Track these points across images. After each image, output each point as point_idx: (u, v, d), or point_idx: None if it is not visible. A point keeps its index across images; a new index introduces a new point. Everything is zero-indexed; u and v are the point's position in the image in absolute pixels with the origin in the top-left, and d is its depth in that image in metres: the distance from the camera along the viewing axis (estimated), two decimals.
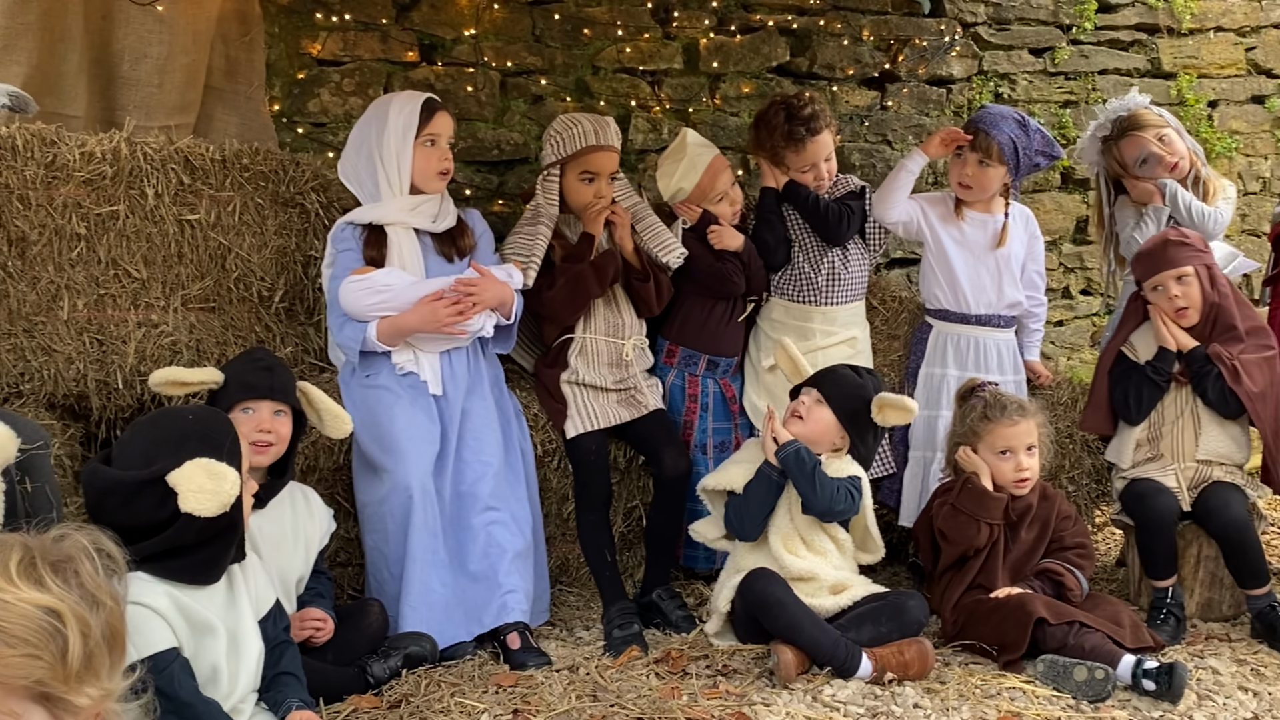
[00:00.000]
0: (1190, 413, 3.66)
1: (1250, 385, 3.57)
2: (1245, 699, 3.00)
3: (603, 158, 3.71)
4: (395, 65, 4.41)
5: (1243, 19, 5.56)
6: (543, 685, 3.01)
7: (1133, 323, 3.79)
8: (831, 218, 3.91)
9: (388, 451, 3.29)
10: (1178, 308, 3.62)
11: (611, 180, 3.74)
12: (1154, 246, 3.69)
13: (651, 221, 3.80)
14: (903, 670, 3.02)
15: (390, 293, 3.38)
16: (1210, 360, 3.59)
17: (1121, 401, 3.70)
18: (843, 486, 3.26)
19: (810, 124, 3.88)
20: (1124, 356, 3.75)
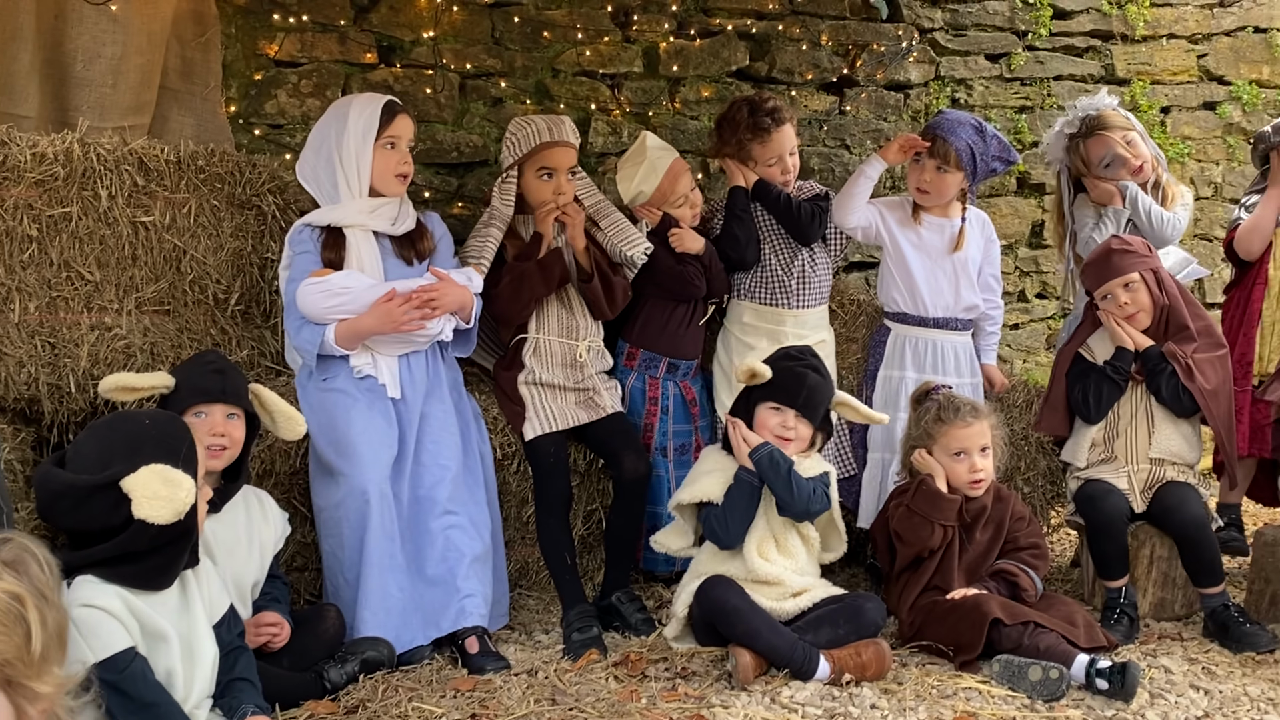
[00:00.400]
0: (1144, 411, 3.71)
1: (1203, 383, 3.63)
2: (1197, 697, 3.04)
3: (558, 153, 3.71)
4: (353, 67, 4.39)
5: (1195, 26, 5.64)
6: (501, 689, 3.00)
7: (1090, 327, 3.84)
8: (804, 216, 3.93)
9: (344, 455, 3.26)
10: (1127, 314, 3.68)
11: (571, 176, 3.74)
12: (1099, 256, 3.74)
13: (615, 218, 3.80)
14: (860, 671, 3.04)
15: (348, 295, 3.36)
16: (1165, 358, 3.64)
17: (1080, 400, 3.74)
18: (817, 486, 3.29)
19: (774, 115, 3.92)
20: (1081, 358, 3.80)
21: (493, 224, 3.72)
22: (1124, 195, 4.02)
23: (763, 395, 3.36)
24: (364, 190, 3.48)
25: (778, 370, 3.35)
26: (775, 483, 3.25)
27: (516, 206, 3.77)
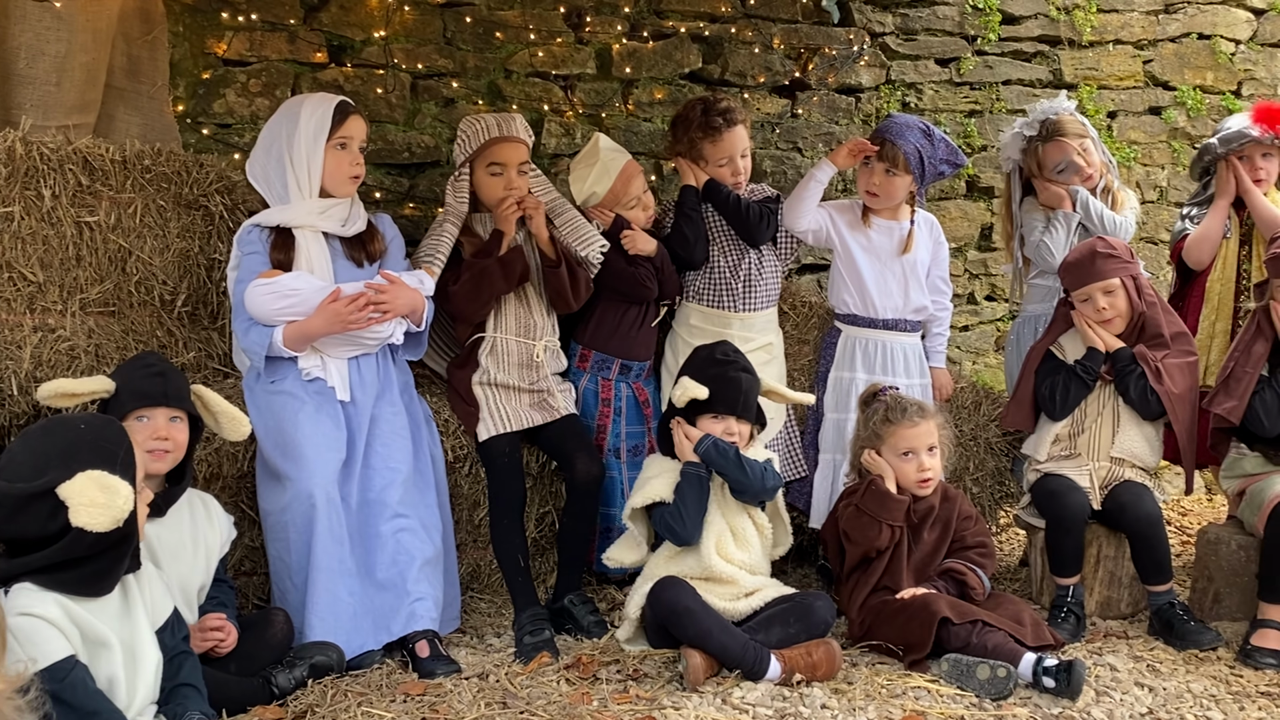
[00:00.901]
0: (1110, 411, 3.76)
1: (1171, 387, 3.69)
2: (1141, 694, 3.08)
3: (508, 148, 3.70)
4: (303, 66, 4.35)
5: (1141, 32, 5.72)
6: (451, 693, 2.99)
7: (1062, 325, 3.89)
8: (752, 217, 3.94)
9: (290, 459, 3.24)
10: (1104, 319, 3.73)
11: (522, 172, 3.73)
12: (1082, 258, 3.77)
13: (571, 216, 3.80)
14: (811, 671, 3.05)
15: (297, 297, 3.33)
16: (1135, 360, 3.69)
17: (1047, 396, 3.79)
18: (766, 465, 3.35)
19: (727, 115, 3.93)
20: (1052, 355, 3.85)
21: (447, 221, 3.72)
22: (1074, 200, 4.08)
23: (702, 407, 3.38)
24: (314, 191, 3.46)
25: (711, 382, 3.37)
26: (727, 468, 3.28)
27: (471, 205, 3.76)
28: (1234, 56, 5.90)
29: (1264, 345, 3.59)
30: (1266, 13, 5.99)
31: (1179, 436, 3.77)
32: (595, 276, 3.82)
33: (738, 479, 3.30)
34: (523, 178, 3.73)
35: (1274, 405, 3.52)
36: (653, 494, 3.33)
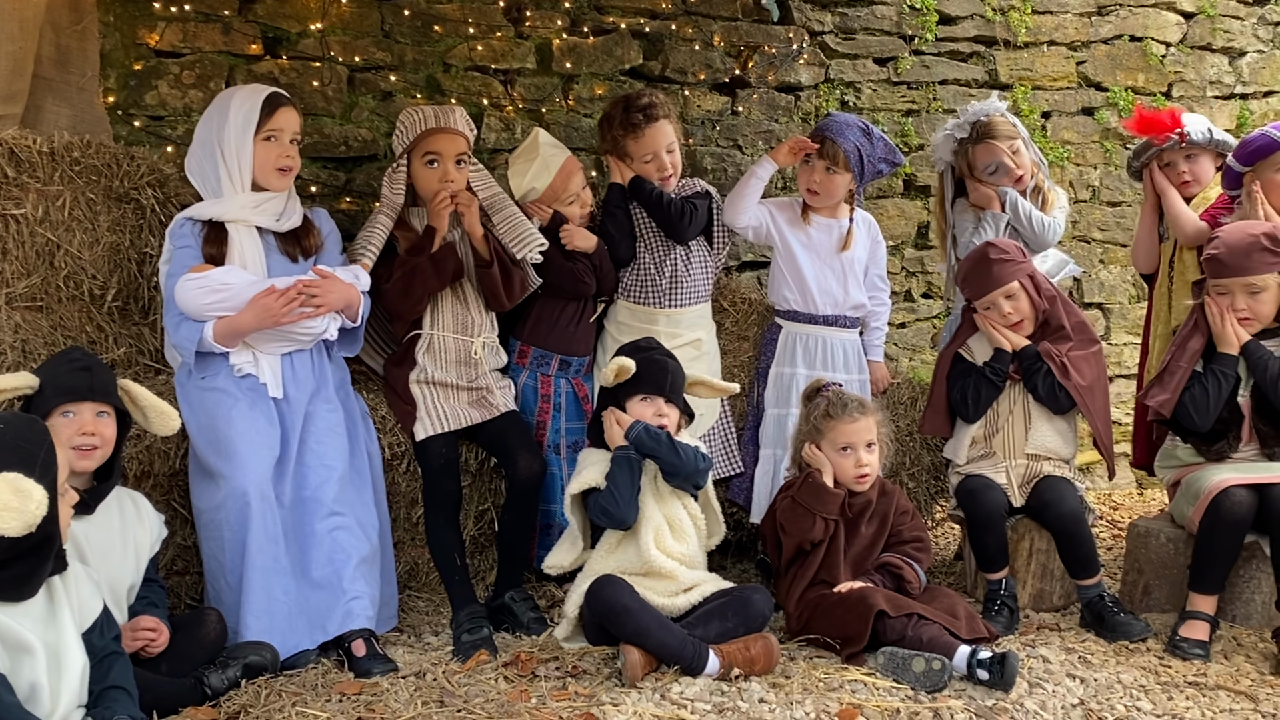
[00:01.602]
0: (1022, 409, 3.82)
1: (1079, 379, 3.75)
2: (1073, 685, 3.12)
3: (445, 139, 3.68)
4: (238, 58, 4.28)
5: (1074, 34, 5.80)
6: (388, 692, 2.96)
7: (970, 329, 3.94)
8: (674, 212, 3.94)
9: (224, 456, 3.19)
10: (1012, 323, 3.79)
11: (460, 165, 3.71)
12: (976, 265, 3.82)
13: (509, 214, 3.77)
14: (749, 666, 3.07)
15: (228, 292, 3.29)
16: (1040, 358, 3.75)
17: (959, 400, 3.84)
18: (696, 449, 3.39)
19: (647, 111, 3.93)
20: (961, 358, 3.89)
21: (382, 213, 3.68)
22: (1004, 201, 4.12)
23: (630, 390, 3.42)
24: (246, 184, 3.41)
25: (640, 363, 3.42)
26: (659, 450, 3.31)
27: (409, 198, 3.73)
28: (1164, 58, 6.01)
29: (1199, 341, 3.66)
30: (1196, 16, 6.10)
31: (1092, 427, 3.84)
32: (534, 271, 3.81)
33: (670, 461, 3.32)
34: (461, 171, 3.71)
35: (1203, 401, 3.59)
36: (588, 480, 3.34)
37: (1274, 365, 3.52)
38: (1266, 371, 3.52)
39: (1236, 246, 3.58)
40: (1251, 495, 3.43)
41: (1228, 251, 3.58)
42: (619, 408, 3.42)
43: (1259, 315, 3.60)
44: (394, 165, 3.74)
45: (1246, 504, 3.41)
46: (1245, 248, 3.56)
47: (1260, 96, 6.30)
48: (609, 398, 3.46)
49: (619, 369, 3.39)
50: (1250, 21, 6.25)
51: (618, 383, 3.43)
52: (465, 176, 3.73)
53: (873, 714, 2.86)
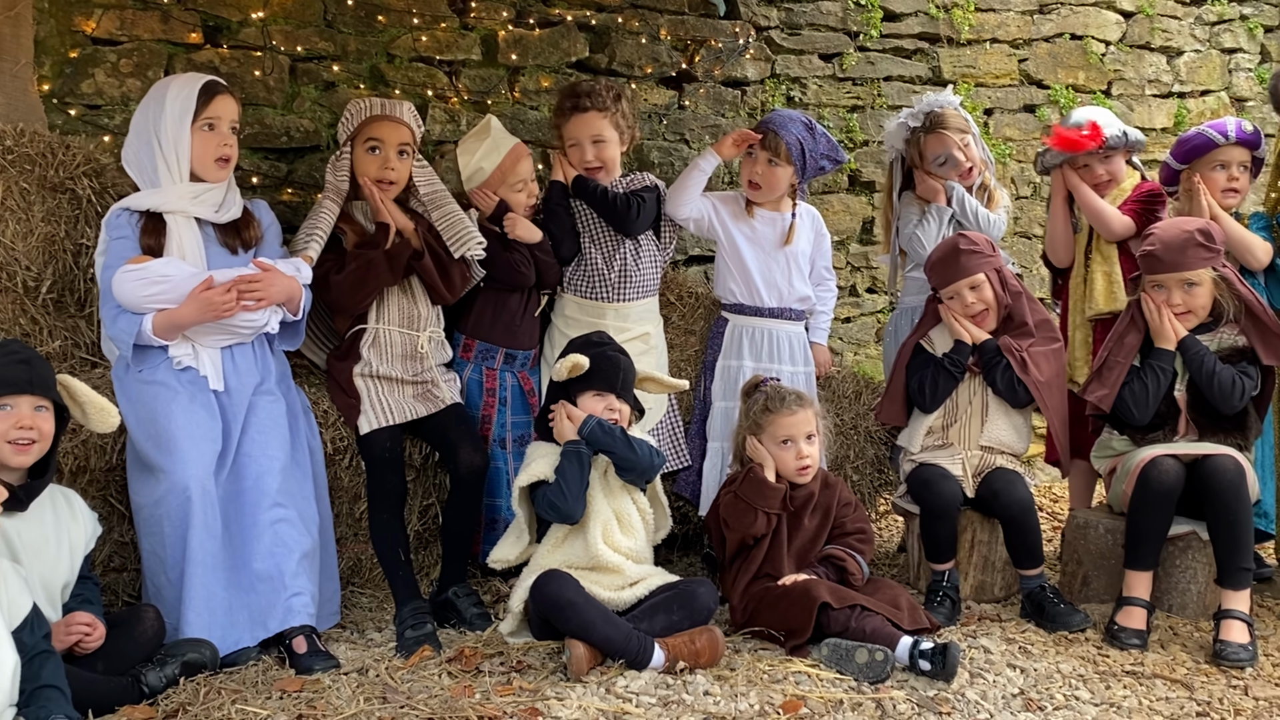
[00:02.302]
0: (980, 401, 3.86)
1: (1038, 375, 3.80)
2: (1013, 675, 3.16)
3: (388, 127, 3.67)
4: (177, 47, 4.21)
5: (1016, 32, 5.87)
6: (330, 689, 2.93)
7: (932, 320, 3.98)
8: (620, 206, 3.94)
9: (164, 450, 3.14)
10: (974, 314, 3.83)
11: (403, 155, 3.69)
12: (945, 255, 3.86)
13: (450, 210, 3.74)
14: (694, 659, 3.07)
15: (168, 284, 3.24)
16: (1000, 352, 3.79)
17: (917, 389, 3.89)
18: (650, 444, 3.40)
19: (581, 99, 3.96)
20: (922, 349, 3.94)
21: (327, 200, 3.66)
22: (949, 195, 4.17)
23: (583, 385, 3.41)
24: (184, 174, 3.36)
25: (593, 359, 3.41)
26: (614, 446, 3.30)
27: (354, 190, 3.69)
28: (1104, 57, 6.10)
29: (1136, 336, 3.72)
30: (1135, 15, 6.20)
31: (1049, 421, 3.89)
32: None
33: (625, 456, 3.31)
34: (403, 161, 3.69)
35: (1142, 395, 3.64)
36: (537, 473, 3.33)
37: (1209, 361, 3.58)
38: (1202, 367, 3.58)
39: (1172, 243, 3.63)
40: (1180, 467, 3.49)
41: (1164, 248, 3.64)
42: (569, 402, 3.40)
43: (1194, 309, 3.66)
44: (338, 153, 3.71)
45: (1174, 473, 3.47)
46: (1181, 244, 3.62)
47: (1197, 95, 6.42)
48: (559, 391, 3.44)
49: (573, 365, 3.37)
50: (1188, 21, 6.36)
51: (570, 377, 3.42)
52: (408, 168, 3.70)
53: (816, 705, 2.88)
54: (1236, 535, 3.41)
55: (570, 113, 3.98)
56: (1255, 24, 6.57)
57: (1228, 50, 6.52)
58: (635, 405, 3.53)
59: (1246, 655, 3.27)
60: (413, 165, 3.75)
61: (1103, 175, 4.16)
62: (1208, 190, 4.00)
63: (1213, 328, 3.68)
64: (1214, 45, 6.47)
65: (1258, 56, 6.63)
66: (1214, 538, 3.48)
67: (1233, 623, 3.35)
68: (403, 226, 3.67)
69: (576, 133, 3.98)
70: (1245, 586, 3.40)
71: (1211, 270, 3.63)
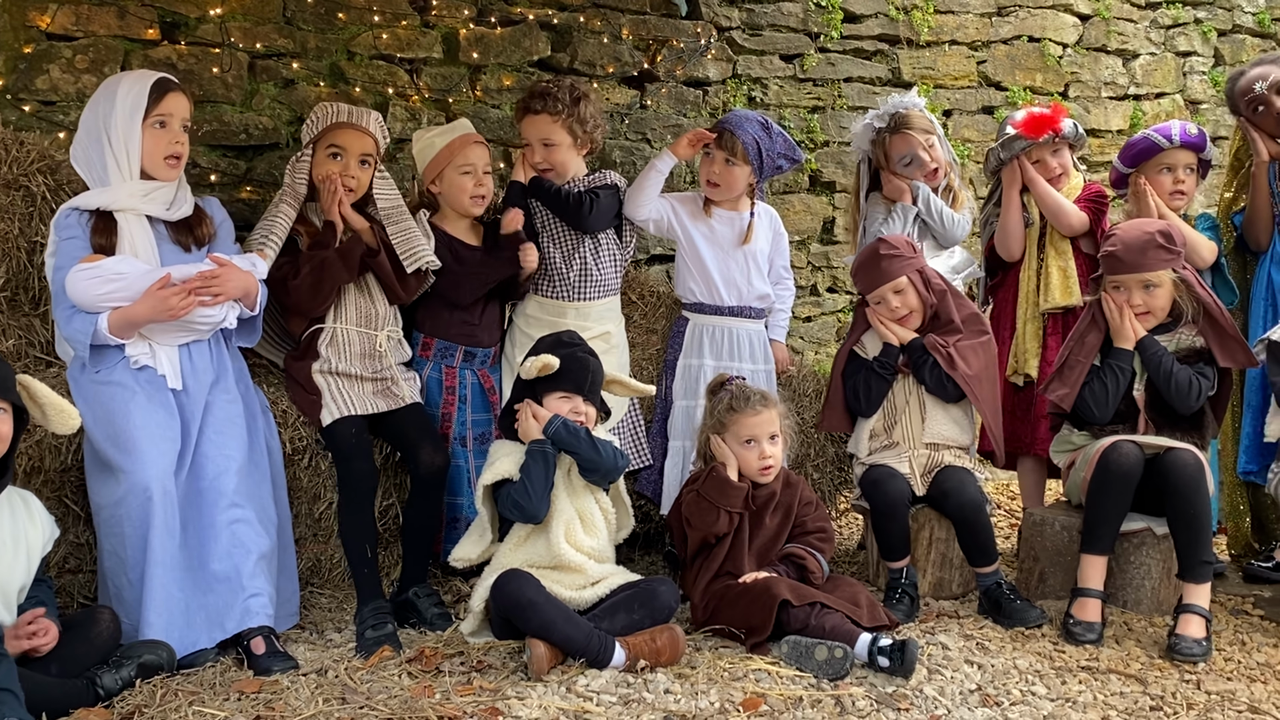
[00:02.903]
0: (917, 399, 3.90)
1: (966, 369, 3.83)
2: (971, 671, 3.19)
3: (352, 135, 3.66)
4: (134, 43, 4.17)
5: (975, 34, 5.93)
6: (288, 690, 2.91)
7: (863, 325, 4.01)
8: (572, 203, 3.95)
9: (124, 450, 3.11)
10: (900, 316, 3.87)
11: (365, 164, 3.68)
12: (867, 260, 3.91)
13: (406, 225, 3.75)
14: (655, 657, 3.07)
15: (122, 282, 3.20)
16: (926, 350, 3.83)
17: (853, 396, 3.93)
18: (614, 446, 3.40)
19: (533, 101, 3.98)
20: (856, 355, 3.97)
21: (284, 202, 3.63)
22: (915, 195, 4.20)
23: (550, 385, 3.40)
24: (134, 172, 3.32)
25: (563, 359, 3.40)
26: (579, 447, 3.29)
27: (311, 192, 3.67)
28: (1061, 59, 6.16)
29: (1097, 336, 3.76)
30: (1092, 18, 6.27)
31: (982, 414, 3.92)
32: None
33: (590, 458, 3.31)
34: (364, 170, 3.67)
35: (1102, 395, 3.69)
36: (500, 471, 3.31)
37: (1167, 361, 3.63)
38: (1160, 367, 3.63)
39: (1133, 244, 3.68)
40: (1139, 452, 3.54)
41: (1124, 249, 3.68)
42: (535, 401, 3.40)
43: (1154, 310, 3.71)
44: (299, 154, 3.69)
45: (1134, 456, 3.52)
46: (1141, 245, 3.67)
47: (1152, 98, 6.51)
48: (525, 390, 3.44)
49: (543, 365, 3.36)
50: (1143, 25, 6.45)
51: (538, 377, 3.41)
52: (368, 177, 3.69)
53: (776, 702, 2.89)
54: (1197, 529, 3.45)
55: (523, 114, 4.01)
56: (1209, 28, 6.67)
57: (1182, 53, 6.61)
58: (601, 407, 3.53)
59: (1199, 650, 3.31)
60: (375, 176, 3.74)
61: (1055, 168, 4.23)
62: (1155, 192, 4.08)
63: (1172, 328, 3.72)
64: (1169, 48, 6.56)
65: (1211, 60, 6.73)
66: (1174, 532, 3.51)
67: (1191, 617, 3.38)
68: (357, 225, 3.65)
69: (527, 134, 4.01)
70: (1206, 580, 3.45)
71: (1172, 272, 3.68)
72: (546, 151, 3.99)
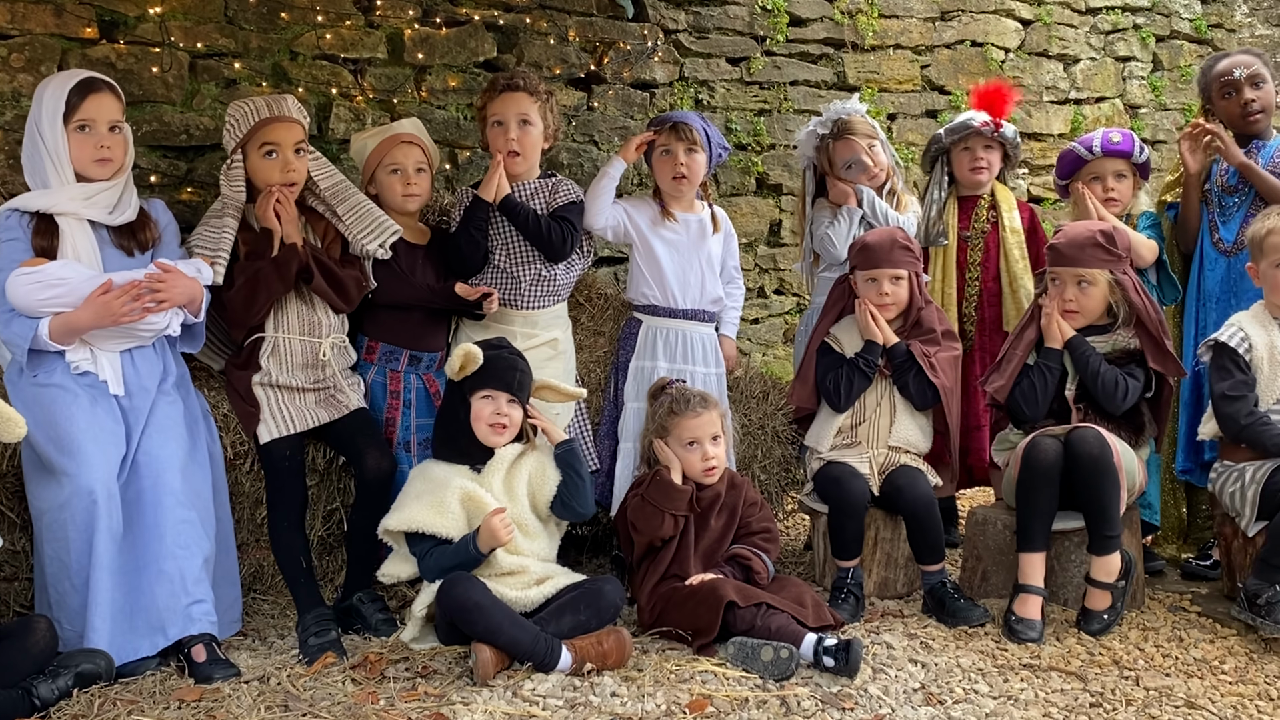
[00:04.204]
0: (888, 402, 3.94)
1: (944, 380, 3.88)
2: (915, 670, 3.22)
3: (281, 128, 3.59)
4: (71, 41, 4.09)
5: (919, 38, 5.99)
6: (230, 698, 2.88)
7: (835, 312, 4.07)
8: (555, 238, 3.92)
9: (68, 454, 3.06)
10: (884, 303, 3.91)
11: (299, 153, 3.62)
12: (882, 241, 3.96)
13: (356, 202, 3.69)
14: (602, 660, 3.07)
15: (65, 286, 3.15)
16: (912, 357, 3.87)
17: (832, 389, 3.96)
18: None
19: (515, 78, 3.98)
20: (829, 348, 4.01)
21: (226, 214, 3.55)
22: (859, 198, 4.24)
23: (475, 385, 3.40)
24: (68, 176, 3.27)
25: (488, 358, 3.41)
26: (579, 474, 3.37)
27: (251, 196, 3.62)
28: (1004, 64, 6.24)
29: (1034, 332, 3.84)
30: (1033, 23, 6.36)
31: (950, 424, 3.97)
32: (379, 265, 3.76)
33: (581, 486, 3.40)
34: (301, 159, 3.62)
35: (1031, 393, 3.75)
36: (412, 521, 3.30)
37: (1094, 361, 3.70)
38: (1088, 366, 3.70)
39: (1075, 240, 3.78)
40: (1059, 445, 3.60)
41: (1066, 243, 3.78)
42: (464, 402, 3.39)
43: (1085, 309, 3.77)
44: (228, 162, 3.62)
45: (1054, 450, 3.58)
46: (1082, 242, 3.76)
47: (1092, 102, 6.61)
48: (456, 392, 3.42)
49: (465, 356, 3.37)
50: (1083, 30, 6.55)
51: (464, 375, 3.40)
52: (305, 165, 3.64)
53: (722, 703, 2.90)
54: (1102, 503, 3.53)
55: (502, 90, 3.94)
56: (1147, 33, 6.79)
57: (1122, 58, 6.73)
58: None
59: (1098, 626, 3.51)
60: (309, 160, 3.67)
61: (982, 161, 4.37)
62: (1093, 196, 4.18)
63: (1110, 329, 3.79)
64: (1109, 53, 6.67)
65: (1150, 65, 6.85)
66: (1081, 506, 3.61)
67: (1095, 592, 3.55)
68: (289, 238, 3.57)
69: (504, 109, 3.93)
70: (1110, 552, 3.54)
71: (1109, 274, 3.74)
72: (522, 131, 3.95)
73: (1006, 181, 4.56)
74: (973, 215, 4.42)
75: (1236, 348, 3.65)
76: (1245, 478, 3.62)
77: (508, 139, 3.94)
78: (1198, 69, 4.44)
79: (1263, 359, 3.65)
